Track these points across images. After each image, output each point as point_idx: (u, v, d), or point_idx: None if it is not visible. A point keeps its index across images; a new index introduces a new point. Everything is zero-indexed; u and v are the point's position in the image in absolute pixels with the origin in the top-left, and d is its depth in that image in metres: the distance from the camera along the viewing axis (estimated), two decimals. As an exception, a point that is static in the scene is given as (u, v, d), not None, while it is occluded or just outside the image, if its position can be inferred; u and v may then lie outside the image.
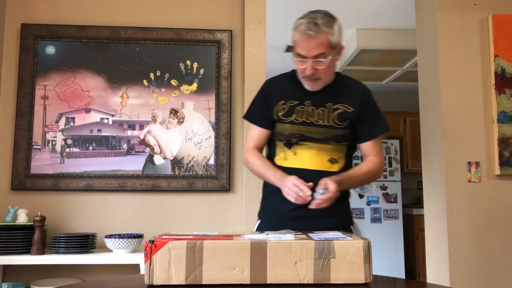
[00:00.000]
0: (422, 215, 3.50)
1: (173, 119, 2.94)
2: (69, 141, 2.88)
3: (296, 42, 1.66)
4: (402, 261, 5.25)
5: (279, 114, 1.75)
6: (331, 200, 1.57)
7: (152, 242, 1.09)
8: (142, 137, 2.92)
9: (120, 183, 2.86)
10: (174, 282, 1.08)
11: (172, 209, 2.91)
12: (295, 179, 1.59)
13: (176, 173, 2.90)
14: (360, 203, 5.35)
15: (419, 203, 5.69)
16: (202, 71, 2.99)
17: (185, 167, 2.91)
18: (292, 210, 1.66)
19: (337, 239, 1.13)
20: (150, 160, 2.90)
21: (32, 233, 2.59)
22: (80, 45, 2.95)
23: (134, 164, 2.89)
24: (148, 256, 1.08)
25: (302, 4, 3.57)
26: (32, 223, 2.62)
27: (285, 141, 1.74)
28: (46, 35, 2.94)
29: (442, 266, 2.74)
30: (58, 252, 2.60)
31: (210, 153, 2.93)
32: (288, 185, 1.59)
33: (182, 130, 2.94)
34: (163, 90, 2.96)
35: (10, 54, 2.94)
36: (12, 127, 2.87)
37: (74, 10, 3.01)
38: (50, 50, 2.94)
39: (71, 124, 2.90)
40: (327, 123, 1.71)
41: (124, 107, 2.93)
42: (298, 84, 1.76)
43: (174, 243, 1.09)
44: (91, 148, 2.88)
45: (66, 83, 2.92)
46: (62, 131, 2.88)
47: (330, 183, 1.56)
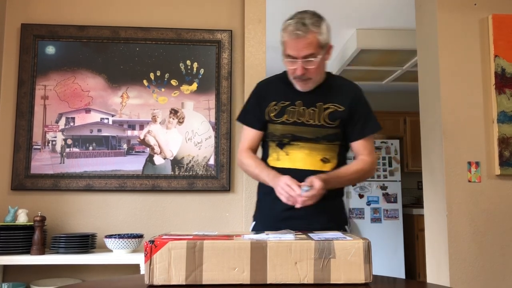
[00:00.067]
0: (422, 215, 3.50)
1: (173, 119, 2.94)
2: (69, 141, 2.88)
3: (285, 43, 1.67)
4: (402, 261, 5.25)
5: (271, 114, 1.76)
6: (316, 197, 1.57)
7: (152, 242, 1.09)
8: (142, 137, 2.92)
9: (120, 183, 2.86)
10: (174, 282, 1.08)
11: (172, 209, 2.91)
12: (287, 179, 1.59)
13: (176, 173, 2.90)
14: (360, 203, 5.35)
15: (419, 203, 5.69)
16: (202, 71, 2.99)
17: (185, 167, 2.91)
18: (285, 210, 1.66)
19: (337, 239, 1.13)
20: (150, 160, 2.90)
21: (32, 233, 2.59)
22: (80, 45, 2.95)
23: (134, 164, 2.89)
24: (148, 256, 1.08)
25: (302, 4, 3.56)
26: (32, 223, 2.62)
27: (277, 141, 1.75)
28: (46, 35, 2.94)
29: (442, 266, 2.74)
30: (58, 252, 2.60)
31: (210, 153, 2.93)
32: (280, 184, 1.60)
33: (182, 130, 2.94)
34: (163, 90, 2.96)
35: (10, 54, 2.94)
36: (12, 127, 2.87)
37: (74, 10, 3.01)
38: (50, 50, 2.94)
39: (71, 124, 2.90)
40: (318, 122, 1.72)
41: (124, 107, 2.93)
42: (289, 85, 1.76)
43: (174, 243, 1.09)
44: (91, 148, 2.88)
45: (66, 83, 2.92)
46: (62, 131, 2.89)
47: (316, 181, 1.57)
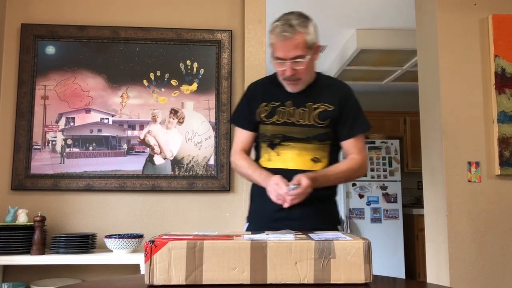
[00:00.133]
0: (422, 215, 3.50)
1: (173, 119, 2.94)
2: (69, 141, 2.88)
3: (274, 45, 1.68)
4: (402, 261, 5.25)
5: (262, 115, 1.77)
6: (304, 195, 1.59)
7: (152, 242, 1.09)
8: (142, 137, 2.92)
9: (120, 183, 2.86)
10: (174, 282, 1.08)
11: (172, 209, 2.91)
12: (278, 179, 1.61)
13: (176, 173, 2.90)
14: (360, 203, 5.35)
15: (419, 203, 5.69)
16: (202, 71, 2.99)
17: (185, 167, 2.91)
18: (278, 211, 1.66)
19: (337, 239, 1.13)
20: (150, 160, 2.90)
21: (32, 233, 2.59)
22: (80, 45, 2.95)
23: (134, 164, 2.89)
24: (148, 256, 1.08)
25: (302, 4, 3.57)
26: (32, 223, 2.62)
27: (268, 142, 1.76)
28: (46, 35, 2.94)
29: (442, 266, 2.74)
30: (58, 252, 2.60)
31: (210, 153, 2.93)
32: (271, 184, 1.62)
33: (182, 130, 2.94)
34: (163, 90, 2.96)
35: (10, 54, 2.94)
36: (12, 127, 2.87)
37: (74, 10, 3.01)
38: (50, 50, 2.94)
39: (71, 124, 2.90)
40: (308, 122, 1.73)
41: (124, 107, 2.93)
42: (279, 86, 1.77)
43: (174, 243, 1.09)
44: (91, 148, 2.88)
45: (66, 83, 2.92)
46: (62, 131, 2.88)
47: (303, 179, 1.58)
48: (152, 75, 2.97)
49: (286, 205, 1.59)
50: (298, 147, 1.72)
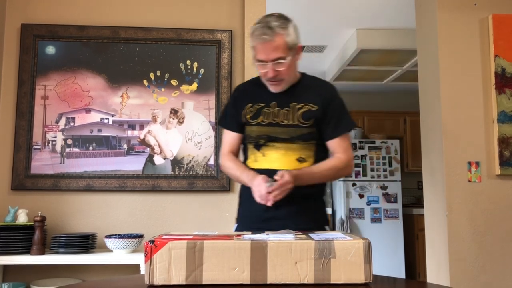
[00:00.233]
0: (422, 215, 3.50)
1: (173, 119, 2.94)
2: (69, 141, 2.88)
3: (255, 48, 1.69)
4: (402, 261, 5.25)
5: (247, 117, 1.78)
6: (284, 191, 1.59)
7: (152, 242, 1.09)
8: (142, 137, 2.92)
9: (120, 183, 2.86)
10: (174, 282, 1.08)
11: (172, 209, 2.91)
12: (260, 179, 1.62)
13: (176, 173, 2.90)
14: (360, 203, 5.34)
15: (419, 203, 5.68)
16: (202, 71, 2.99)
17: (185, 167, 2.91)
18: (265, 211, 1.67)
19: (337, 239, 1.13)
20: (150, 160, 2.90)
21: (32, 233, 2.59)
22: (80, 45, 2.95)
23: (134, 164, 2.89)
24: (148, 256, 1.08)
25: (302, 4, 3.57)
26: (32, 223, 2.62)
27: (254, 143, 1.77)
28: (46, 35, 2.94)
29: (442, 266, 2.74)
30: (58, 252, 2.60)
31: (210, 153, 2.93)
32: (254, 185, 1.63)
33: (182, 130, 2.94)
34: (163, 90, 2.96)
35: (10, 54, 2.94)
36: (12, 127, 2.87)
37: (74, 10, 3.01)
38: (50, 50, 2.94)
39: (71, 124, 2.90)
40: (292, 122, 1.73)
41: (124, 107, 2.93)
42: (264, 87, 1.79)
43: (174, 243, 1.09)
44: (91, 148, 2.88)
45: (66, 83, 2.92)
46: (62, 131, 2.88)
47: (286, 174, 1.60)
48: (152, 75, 2.97)
49: (269, 203, 1.60)
50: (283, 147, 1.73)
